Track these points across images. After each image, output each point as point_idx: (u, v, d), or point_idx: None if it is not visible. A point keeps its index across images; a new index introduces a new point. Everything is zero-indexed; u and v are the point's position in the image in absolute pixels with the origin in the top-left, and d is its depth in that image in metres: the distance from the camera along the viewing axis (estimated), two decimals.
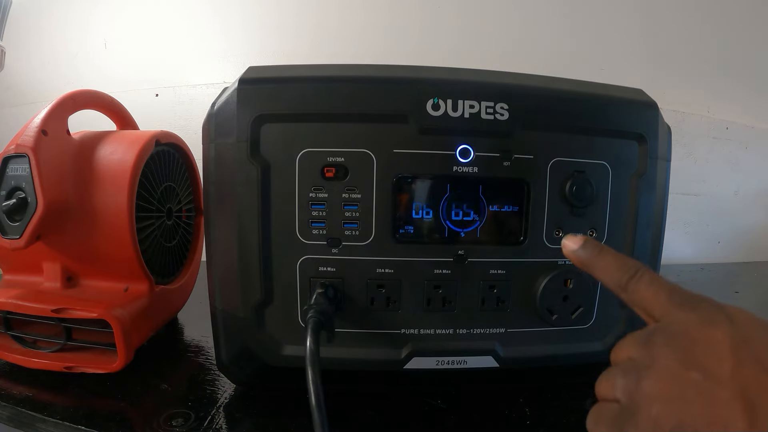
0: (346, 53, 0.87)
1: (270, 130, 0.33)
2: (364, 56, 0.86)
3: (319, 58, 0.84)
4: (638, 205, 0.36)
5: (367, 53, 0.87)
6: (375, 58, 0.84)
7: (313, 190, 0.34)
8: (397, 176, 0.34)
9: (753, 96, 1.01)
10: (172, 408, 0.36)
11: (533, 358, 0.37)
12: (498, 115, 0.34)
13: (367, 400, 0.38)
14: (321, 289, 0.34)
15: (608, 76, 0.65)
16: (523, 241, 0.36)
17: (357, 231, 0.34)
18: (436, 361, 0.36)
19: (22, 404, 0.36)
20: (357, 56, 0.86)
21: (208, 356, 0.45)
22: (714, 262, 1.02)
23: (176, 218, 0.50)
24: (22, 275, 0.43)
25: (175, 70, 0.89)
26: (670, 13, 0.93)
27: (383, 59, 0.40)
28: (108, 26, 0.90)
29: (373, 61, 0.37)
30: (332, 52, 0.87)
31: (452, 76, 0.36)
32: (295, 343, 0.35)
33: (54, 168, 0.39)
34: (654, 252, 0.38)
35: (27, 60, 0.93)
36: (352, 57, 0.84)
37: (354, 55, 0.86)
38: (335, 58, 0.52)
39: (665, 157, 0.37)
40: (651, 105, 0.37)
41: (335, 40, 0.87)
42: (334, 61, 0.36)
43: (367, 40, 0.87)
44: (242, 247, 0.34)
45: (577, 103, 0.35)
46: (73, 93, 0.43)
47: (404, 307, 0.35)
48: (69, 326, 0.40)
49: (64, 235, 0.40)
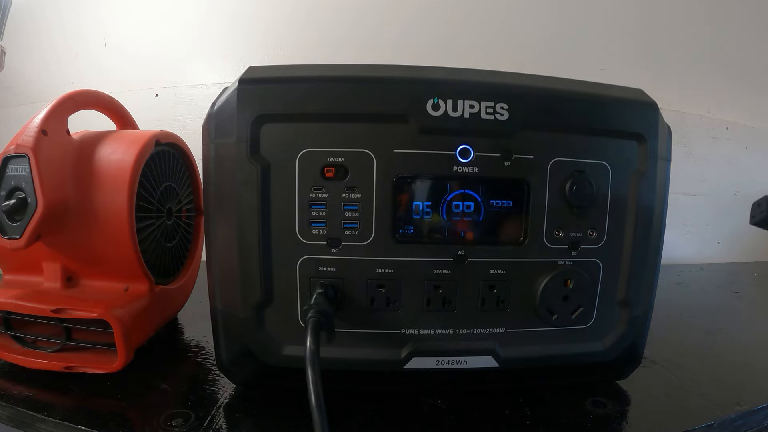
0: (345, 52, 0.87)
1: (270, 130, 0.33)
2: (356, 48, 0.86)
3: (319, 57, 0.84)
4: (638, 205, 0.36)
5: (361, 47, 0.87)
6: (372, 53, 0.84)
7: (313, 190, 0.34)
8: (397, 176, 0.34)
9: (753, 96, 1.01)
10: (172, 408, 0.36)
11: (533, 358, 0.37)
12: (498, 115, 0.34)
13: (367, 400, 0.38)
14: (321, 289, 0.34)
15: (608, 76, 0.65)
16: (523, 241, 0.36)
17: (357, 231, 0.34)
18: (436, 361, 0.36)
19: (22, 404, 0.36)
20: (355, 54, 0.86)
21: (208, 356, 0.45)
22: (714, 262, 1.02)
23: (176, 218, 0.50)
24: (22, 275, 0.43)
25: (175, 70, 0.89)
26: (671, 13, 0.93)
27: (383, 55, 0.40)
28: (108, 26, 0.90)
29: (367, 54, 0.37)
30: (331, 50, 0.87)
31: (452, 76, 0.35)
32: (295, 343, 0.35)
33: (54, 168, 0.39)
34: (654, 252, 0.38)
35: (27, 60, 0.93)
36: (351, 56, 0.85)
37: (352, 54, 0.86)
38: (336, 57, 0.53)
39: (665, 157, 0.37)
40: (651, 105, 0.37)
41: (336, 38, 0.87)
42: (334, 60, 0.36)
43: (364, 38, 0.87)
44: (242, 247, 0.34)
45: (577, 103, 0.35)
46: (73, 93, 0.43)
47: (404, 307, 0.35)
48: (69, 326, 0.40)
49: (64, 235, 0.40)
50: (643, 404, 0.39)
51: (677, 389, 0.42)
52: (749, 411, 0.39)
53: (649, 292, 0.38)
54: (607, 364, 0.39)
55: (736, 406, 0.39)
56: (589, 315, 0.37)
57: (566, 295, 0.36)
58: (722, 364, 0.47)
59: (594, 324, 0.38)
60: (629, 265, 0.37)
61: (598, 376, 0.41)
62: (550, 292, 0.36)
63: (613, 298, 0.38)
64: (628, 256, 0.37)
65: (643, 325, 0.39)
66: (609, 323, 0.38)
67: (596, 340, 0.38)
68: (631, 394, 0.41)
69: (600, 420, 0.36)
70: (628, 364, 0.40)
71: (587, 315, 0.37)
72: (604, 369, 0.39)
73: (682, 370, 0.45)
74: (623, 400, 0.40)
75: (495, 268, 0.36)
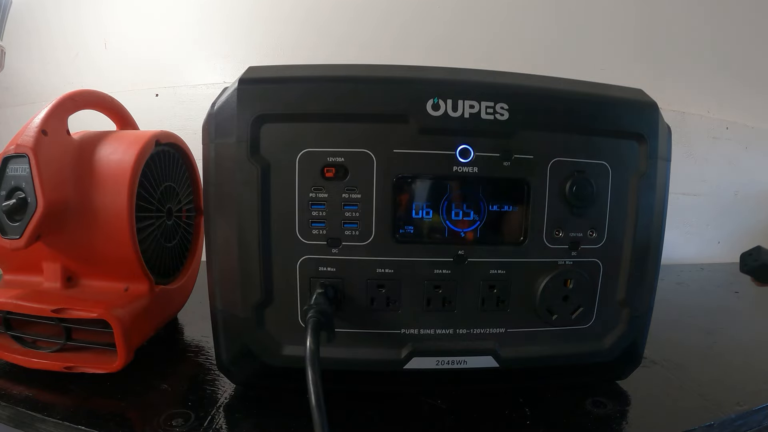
0: (344, 52, 0.87)
1: (270, 130, 0.33)
2: (356, 48, 0.87)
3: (319, 57, 0.84)
4: (638, 205, 0.36)
5: (361, 47, 0.87)
6: (370, 51, 0.84)
7: (313, 190, 0.34)
8: (397, 176, 0.34)
9: (753, 96, 1.01)
10: (172, 408, 0.36)
11: (533, 358, 0.37)
12: (498, 115, 0.34)
13: (367, 400, 0.38)
14: (321, 289, 0.34)
15: (608, 76, 0.65)
16: (523, 241, 0.36)
17: (357, 231, 0.34)
18: (436, 361, 0.36)
19: (22, 404, 0.36)
20: (355, 54, 0.86)
21: (208, 356, 0.45)
22: (714, 262, 1.02)
23: (176, 218, 0.50)
24: (22, 275, 0.43)
25: (175, 70, 0.89)
26: (671, 12, 0.93)
27: (382, 53, 0.40)
28: (108, 26, 0.90)
29: (367, 54, 0.37)
30: (331, 50, 0.87)
31: (452, 76, 0.35)
32: (295, 343, 0.35)
33: (54, 168, 0.39)
34: (654, 252, 0.38)
35: (27, 60, 0.93)
36: (350, 56, 0.85)
37: (352, 54, 0.86)
38: (335, 56, 0.52)
39: (665, 157, 0.37)
40: (651, 105, 0.37)
41: (335, 38, 0.87)
42: (334, 59, 0.36)
43: (357, 32, 0.87)
44: (242, 247, 0.34)
45: (577, 103, 0.35)
46: (73, 93, 0.43)
47: (404, 307, 0.35)
48: (69, 326, 0.40)
49: (64, 235, 0.40)
50: (643, 404, 0.39)
51: (677, 389, 0.42)
52: (749, 411, 0.39)
53: (649, 292, 0.38)
54: (607, 364, 0.39)
55: (736, 406, 0.39)
56: (589, 315, 0.37)
57: (566, 295, 0.36)
58: (722, 364, 0.47)
59: (594, 324, 0.38)
60: (629, 265, 0.37)
61: (598, 376, 0.41)
62: (550, 292, 0.36)
63: (613, 298, 0.38)
64: (628, 256, 0.37)
65: (643, 325, 0.39)
66: (609, 323, 0.38)
67: (596, 340, 0.38)
68: (631, 394, 0.41)
69: (600, 420, 0.36)
70: (628, 364, 0.40)
71: (587, 315, 0.37)
72: (604, 369, 0.39)
73: (682, 370, 0.45)
74: (623, 400, 0.40)
75: (495, 268, 0.36)
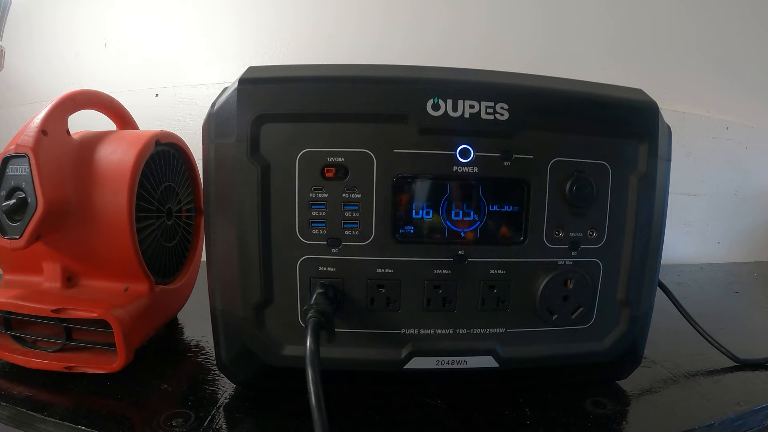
0: (341, 51, 0.87)
1: (270, 130, 0.33)
2: (358, 53, 0.87)
3: (319, 57, 0.84)
4: (638, 205, 0.36)
5: (363, 50, 0.87)
6: (371, 55, 0.84)
7: (313, 190, 0.34)
8: (397, 176, 0.34)
9: (753, 96, 1.01)
10: (172, 408, 0.36)
11: (533, 358, 0.37)
12: (498, 115, 0.34)
13: (367, 400, 0.38)
14: (321, 289, 0.34)
15: (608, 76, 0.65)
16: (523, 241, 0.36)
17: (357, 231, 0.34)
18: (436, 361, 0.36)
19: (22, 404, 0.36)
20: (351, 53, 0.86)
21: (208, 356, 0.45)
22: (714, 262, 1.02)
23: (176, 218, 0.50)
24: (22, 275, 0.43)
25: (175, 70, 0.89)
26: (670, 12, 0.93)
27: (385, 55, 0.40)
28: (108, 26, 0.90)
29: (368, 54, 0.37)
30: (330, 48, 0.87)
31: (452, 76, 0.35)
32: (295, 343, 0.35)
33: (54, 168, 0.39)
34: (654, 252, 0.38)
35: (27, 60, 0.93)
36: (347, 55, 0.85)
37: (348, 53, 0.86)
38: (335, 57, 0.53)
39: (665, 157, 0.37)
40: (651, 105, 0.37)
41: (333, 37, 0.87)
42: (334, 59, 0.36)
43: (361, 37, 0.87)
44: (242, 247, 0.34)
45: (577, 103, 0.35)
46: (73, 93, 0.43)
47: (404, 307, 0.35)
48: (69, 326, 0.40)
49: (64, 235, 0.40)
50: (643, 404, 0.39)
51: (677, 389, 0.42)
52: (749, 411, 0.39)
53: (649, 292, 0.38)
54: (607, 364, 0.39)
55: (736, 406, 0.39)
56: (589, 315, 0.37)
57: (566, 295, 0.36)
58: (722, 364, 0.47)
59: (594, 324, 0.38)
60: (629, 265, 0.37)
61: (598, 376, 0.41)
62: (550, 292, 0.36)
63: (613, 298, 0.38)
64: (628, 256, 0.37)
65: (643, 325, 0.39)
66: (609, 323, 0.38)
67: (596, 340, 0.38)
68: (631, 394, 0.41)
69: (600, 420, 0.36)
70: (628, 364, 0.40)
71: (587, 315, 0.37)
72: (604, 369, 0.39)
73: (682, 369, 0.45)
74: (623, 400, 0.40)
75: (495, 268, 0.36)
